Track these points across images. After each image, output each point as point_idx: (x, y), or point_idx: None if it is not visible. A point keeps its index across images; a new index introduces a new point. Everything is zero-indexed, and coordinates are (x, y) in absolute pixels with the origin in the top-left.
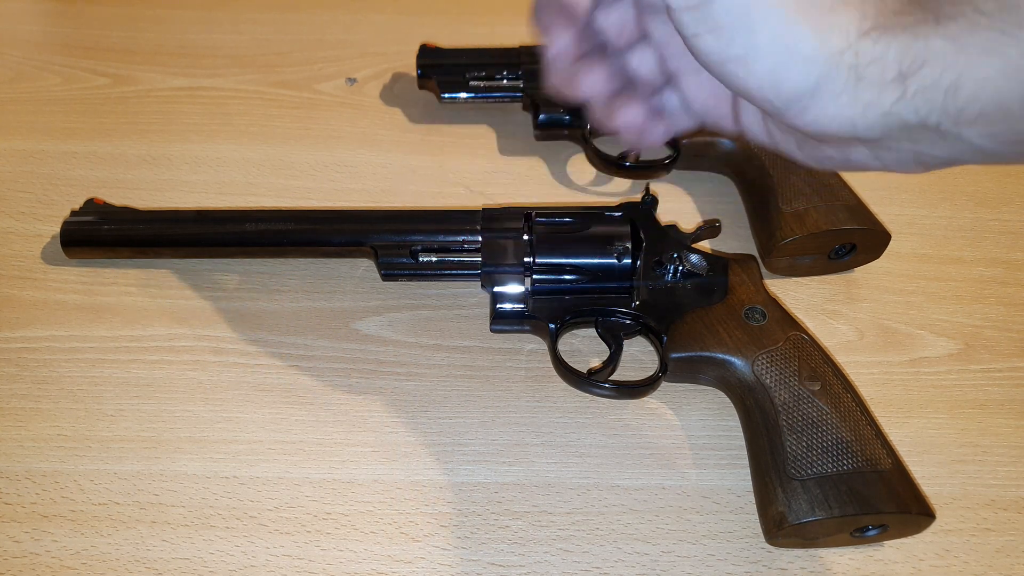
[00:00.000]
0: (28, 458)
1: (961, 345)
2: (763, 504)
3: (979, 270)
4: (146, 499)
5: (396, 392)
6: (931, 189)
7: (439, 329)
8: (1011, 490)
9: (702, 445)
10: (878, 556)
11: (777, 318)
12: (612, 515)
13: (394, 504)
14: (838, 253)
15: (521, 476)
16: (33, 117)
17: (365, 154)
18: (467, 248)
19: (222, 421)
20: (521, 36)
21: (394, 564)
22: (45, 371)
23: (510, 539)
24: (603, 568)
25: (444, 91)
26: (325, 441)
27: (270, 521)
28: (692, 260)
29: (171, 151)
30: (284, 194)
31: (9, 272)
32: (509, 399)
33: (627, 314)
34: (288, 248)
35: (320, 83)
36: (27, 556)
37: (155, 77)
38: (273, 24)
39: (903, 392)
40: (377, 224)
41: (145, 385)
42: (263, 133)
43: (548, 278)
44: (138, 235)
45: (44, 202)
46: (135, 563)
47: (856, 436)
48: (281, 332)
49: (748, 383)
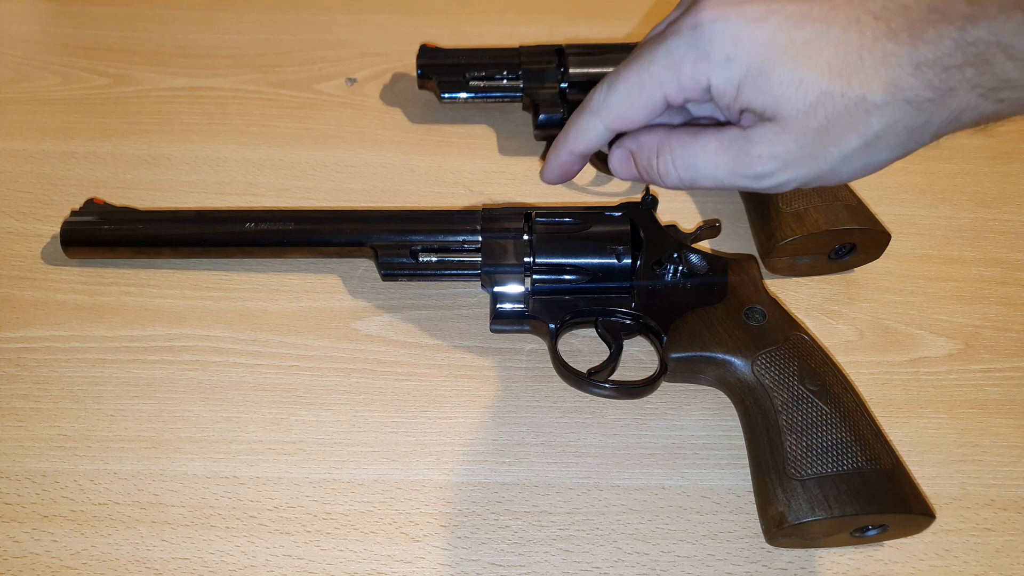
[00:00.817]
0: (28, 458)
1: (961, 345)
2: (763, 504)
3: (979, 270)
4: (146, 499)
5: (396, 392)
6: (931, 189)
7: (439, 329)
8: (1011, 490)
9: (702, 445)
10: (878, 556)
11: (777, 318)
12: (612, 515)
13: (394, 504)
14: (838, 253)
15: (521, 476)
16: (33, 117)
17: (365, 154)
18: (467, 248)
19: (222, 421)
20: (521, 36)
21: (394, 564)
22: (45, 371)
23: (510, 539)
24: (603, 568)
25: (444, 91)
26: (325, 441)
27: (270, 521)
28: (692, 260)
29: (171, 151)
30: (284, 194)
31: (9, 272)
32: (509, 399)
33: (627, 314)
34: (288, 248)
35: (320, 83)
36: (27, 556)
37: (155, 77)
38: (273, 24)
39: (903, 392)
40: (377, 224)
41: (145, 385)
42: (263, 133)
43: (548, 278)
44: (138, 235)
45: (44, 202)
46: (135, 563)
47: (856, 436)
48: (281, 332)
49: (748, 383)
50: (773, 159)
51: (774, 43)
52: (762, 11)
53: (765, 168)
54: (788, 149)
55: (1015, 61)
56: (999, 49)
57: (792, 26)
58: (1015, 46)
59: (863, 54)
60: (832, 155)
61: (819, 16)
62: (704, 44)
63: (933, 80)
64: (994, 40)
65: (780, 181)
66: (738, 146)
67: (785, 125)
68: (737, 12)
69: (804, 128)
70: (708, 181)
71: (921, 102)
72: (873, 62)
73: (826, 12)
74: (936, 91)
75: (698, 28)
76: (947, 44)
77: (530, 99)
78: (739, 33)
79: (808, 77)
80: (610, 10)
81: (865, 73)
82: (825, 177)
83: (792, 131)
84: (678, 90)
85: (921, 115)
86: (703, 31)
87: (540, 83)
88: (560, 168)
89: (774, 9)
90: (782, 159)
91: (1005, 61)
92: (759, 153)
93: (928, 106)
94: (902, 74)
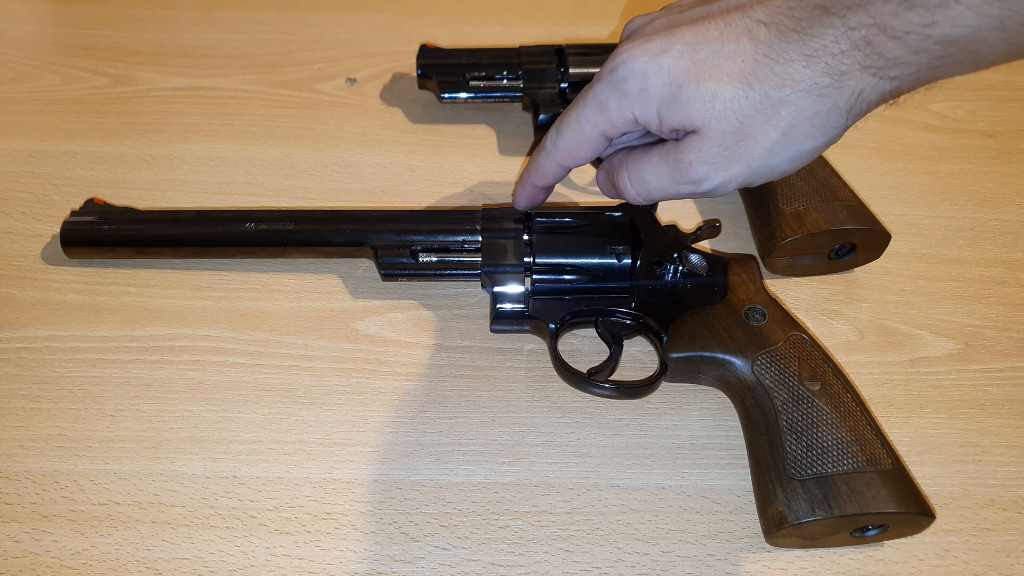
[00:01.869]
0: (28, 458)
1: (961, 345)
2: (763, 504)
3: (979, 270)
4: (146, 499)
5: (396, 392)
6: (931, 189)
7: (439, 329)
8: (1011, 490)
9: (702, 445)
10: (878, 556)
11: (777, 318)
12: (612, 515)
13: (394, 504)
14: (838, 253)
15: (521, 476)
16: (33, 117)
17: (365, 154)
18: (467, 248)
19: (222, 421)
20: (521, 36)
21: (394, 564)
22: (45, 371)
23: (510, 539)
24: (603, 568)
25: (444, 91)
26: (325, 441)
27: (270, 521)
28: (692, 260)
29: (171, 151)
30: (284, 194)
31: (9, 272)
32: (509, 399)
33: (627, 314)
34: (288, 248)
35: (320, 83)
36: (27, 556)
37: (155, 77)
38: (273, 24)
39: (903, 392)
40: (377, 224)
41: (145, 385)
42: (263, 133)
43: (548, 278)
44: (138, 235)
45: (44, 202)
46: (135, 563)
47: (856, 436)
48: (281, 332)
49: (748, 383)
50: (703, 164)
51: (678, 68)
52: (664, 44)
53: (698, 173)
54: (713, 154)
55: (895, 41)
56: (880, 31)
57: (692, 50)
58: (893, 27)
59: (758, 58)
60: (756, 151)
61: (714, 36)
62: (620, 84)
63: (826, 67)
64: (873, 23)
65: (717, 183)
66: (673, 157)
67: (705, 134)
68: (642, 50)
69: (722, 133)
70: (658, 192)
71: (821, 89)
72: (768, 63)
73: (721, 30)
74: (832, 76)
75: (614, 71)
76: (832, 33)
77: (530, 99)
78: (647, 67)
79: (713, 89)
80: (610, 10)
81: (763, 74)
82: (762, 172)
83: (712, 137)
84: (611, 127)
85: (825, 100)
86: (617, 73)
87: (540, 83)
88: (527, 198)
89: (674, 39)
90: (710, 163)
91: (887, 41)
92: (690, 160)
93: (829, 91)
94: (796, 67)
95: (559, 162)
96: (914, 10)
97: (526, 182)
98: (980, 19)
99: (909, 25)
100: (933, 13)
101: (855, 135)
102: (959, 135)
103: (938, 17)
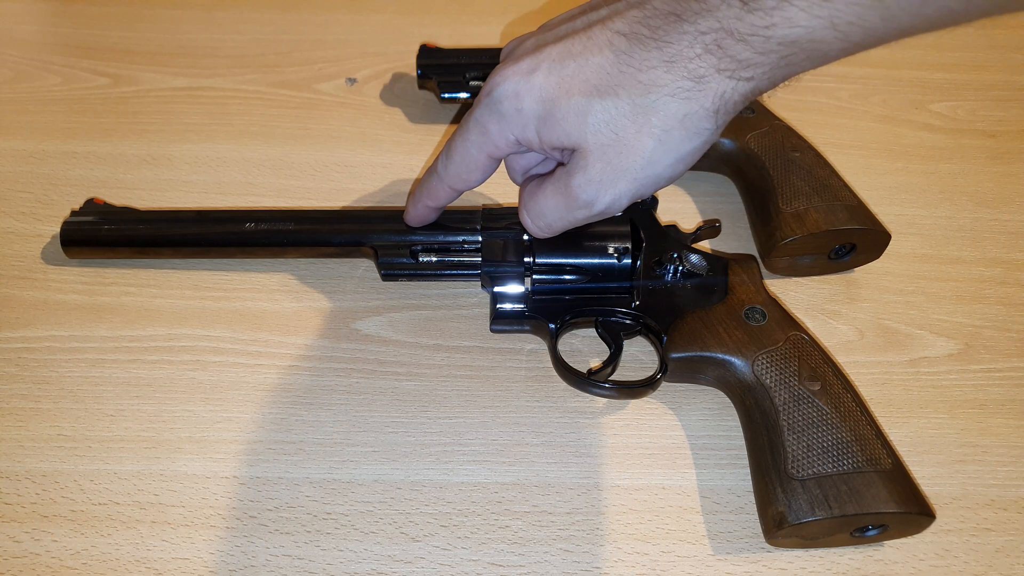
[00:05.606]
0: (28, 458)
1: (961, 345)
2: (763, 504)
3: (979, 270)
4: (146, 499)
5: (396, 392)
6: (931, 189)
7: (439, 329)
8: (1011, 490)
9: (702, 445)
10: (878, 556)
11: (777, 318)
12: (612, 515)
13: (394, 504)
14: (838, 253)
15: (521, 476)
16: (33, 117)
17: (365, 154)
18: (467, 248)
19: (222, 421)
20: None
21: (394, 564)
22: (45, 371)
23: (510, 539)
24: (603, 568)
25: (444, 91)
26: (325, 441)
27: (270, 521)
28: (692, 260)
29: (171, 151)
30: (284, 194)
31: (9, 272)
32: (509, 399)
33: (627, 314)
34: (288, 248)
35: (320, 83)
36: (27, 556)
37: (155, 77)
38: (273, 24)
39: (903, 392)
40: (377, 224)
41: (145, 385)
42: (263, 133)
43: (548, 278)
44: (138, 235)
45: (44, 202)
46: (135, 563)
47: (856, 436)
48: (281, 332)
49: (748, 383)
50: (589, 183)
51: (548, 85)
52: (533, 63)
53: (588, 195)
54: (597, 171)
55: (742, 43)
56: (727, 35)
57: (559, 66)
58: (739, 30)
59: (622, 68)
60: (638, 163)
61: (579, 50)
62: (496, 106)
63: (685, 72)
64: (721, 27)
65: (608, 201)
66: (563, 183)
67: (585, 150)
68: (513, 70)
69: (600, 146)
70: (559, 222)
71: (685, 92)
72: (632, 72)
73: (584, 44)
74: (692, 80)
75: (490, 94)
76: (687, 39)
77: None
78: (519, 88)
79: (582, 103)
80: None
81: (628, 83)
82: (649, 182)
83: (593, 153)
84: (496, 149)
85: (691, 103)
86: (493, 95)
87: None
88: (419, 218)
89: (542, 57)
90: (597, 182)
91: (735, 44)
92: (577, 183)
93: (693, 94)
94: (658, 73)
95: (450, 184)
96: (755, 13)
97: (418, 201)
98: (812, 20)
99: (752, 28)
100: (771, 15)
101: (855, 135)
102: (959, 135)
103: (775, 19)
